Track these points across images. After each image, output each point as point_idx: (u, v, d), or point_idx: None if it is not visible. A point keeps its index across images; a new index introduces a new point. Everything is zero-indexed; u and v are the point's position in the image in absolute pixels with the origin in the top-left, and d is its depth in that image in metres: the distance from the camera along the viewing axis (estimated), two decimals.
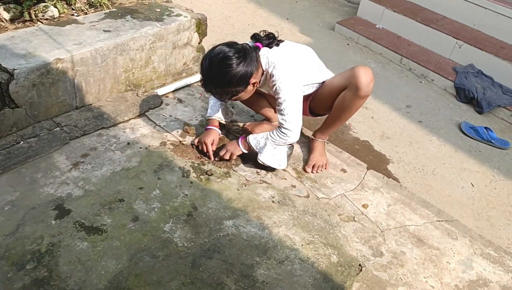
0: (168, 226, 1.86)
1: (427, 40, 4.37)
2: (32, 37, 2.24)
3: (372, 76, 2.08)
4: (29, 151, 2.07)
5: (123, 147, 2.21)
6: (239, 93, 2.03)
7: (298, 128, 2.09)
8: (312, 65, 2.21)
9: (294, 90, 2.06)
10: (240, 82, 1.97)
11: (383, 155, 3.11)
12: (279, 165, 2.15)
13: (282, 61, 2.05)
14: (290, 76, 2.05)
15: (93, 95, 2.39)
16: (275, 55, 2.06)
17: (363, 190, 2.22)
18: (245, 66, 1.95)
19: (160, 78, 2.70)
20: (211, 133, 2.26)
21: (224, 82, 1.96)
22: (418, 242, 1.98)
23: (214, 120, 2.30)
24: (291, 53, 2.13)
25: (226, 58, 1.92)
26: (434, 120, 3.57)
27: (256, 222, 1.94)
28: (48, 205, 1.87)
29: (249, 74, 1.97)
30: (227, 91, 2.01)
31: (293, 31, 4.66)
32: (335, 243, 1.92)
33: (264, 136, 2.12)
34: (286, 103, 2.03)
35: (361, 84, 2.05)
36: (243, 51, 1.97)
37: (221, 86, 1.98)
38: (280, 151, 2.15)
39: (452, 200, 2.81)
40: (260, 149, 2.12)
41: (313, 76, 2.22)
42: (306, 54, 2.21)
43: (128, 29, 2.44)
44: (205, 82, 2.01)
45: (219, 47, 1.97)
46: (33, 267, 1.63)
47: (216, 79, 1.97)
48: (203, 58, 2.00)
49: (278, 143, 2.10)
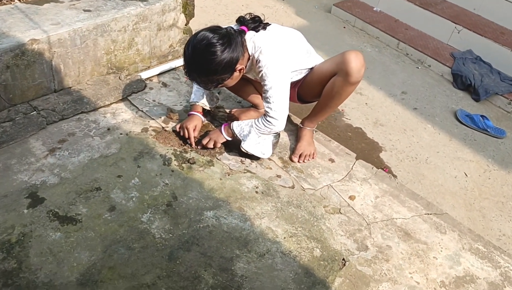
0: (146, 216, 1.79)
1: (426, 24, 4.26)
2: (7, 16, 2.14)
3: (363, 61, 2.00)
4: (3, 136, 1.99)
5: (102, 133, 2.13)
6: (225, 80, 1.95)
7: (284, 117, 2.00)
8: (300, 50, 2.12)
9: (281, 77, 1.97)
10: (226, 70, 1.89)
11: (376, 142, 3.04)
12: (263, 154, 2.08)
13: (269, 46, 1.96)
14: (277, 62, 1.96)
15: (72, 78, 2.29)
16: (262, 39, 1.97)
17: (351, 181, 2.15)
18: (230, 52, 1.85)
19: (144, 61, 2.60)
20: (193, 119, 2.17)
21: (208, 70, 1.87)
22: (405, 236, 1.92)
23: (197, 106, 2.22)
24: (279, 37, 2.03)
25: (210, 45, 1.83)
26: (429, 107, 3.49)
27: (238, 213, 1.87)
28: (21, 193, 1.79)
29: (234, 61, 1.89)
30: (212, 79, 1.92)
31: (289, 12, 4.54)
32: (319, 236, 1.85)
33: (249, 124, 2.04)
34: (272, 91, 1.95)
35: (352, 70, 1.97)
36: (228, 36, 1.87)
37: (206, 74, 1.89)
38: (265, 139, 2.07)
39: (445, 190, 2.76)
40: (244, 137, 2.04)
41: (301, 62, 2.13)
42: (295, 38, 2.11)
43: (110, 9, 2.34)
44: (189, 71, 1.92)
45: (202, 33, 1.87)
46: (2, 258, 1.57)
47: (200, 67, 1.87)
48: (186, 45, 1.90)
49: (263, 131, 2.02)
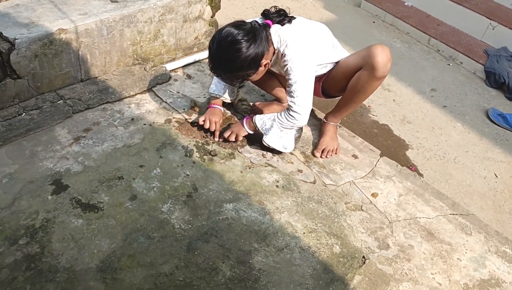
0: (166, 206, 1.80)
1: (459, 20, 4.13)
2: (36, 5, 2.18)
3: (390, 55, 1.95)
4: (30, 124, 2.04)
5: (126, 123, 2.15)
6: (250, 76, 1.94)
7: (307, 112, 1.98)
8: (326, 43, 2.08)
9: (306, 72, 1.94)
10: (251, 65, 1.87)
11: (403, 140, 2.97)
12: (285, 148, 2.05)
13: (295, 40, 1.93)
14: (303, 56, 1.93)
15: (98, 68, 2.32)
16: (288, 33, 1.94)
17: (374, 178, 2.11)
18: (255, 48, 1.83)
19: (169, 53, 2.61)
20: (216, 112, 2.17)
21: (234, 67, 1.86)
22: (428, 235, 1.87)
23: (218, 99, 2.22)
24: (304, 31, 2.00)
25: (235, 42, 1.81)
26: (460, 105, 3.39)
27: (258, 206, 1.86)
28: (46, 180, 1.83)
29: (259, 56, 1.87)
30: (237, 76, 1.91)
31: (317, 6, 4.49)
32: (339, 232, 1.82)
33: (271, 117, 2.02)
34: (296, 85, 1.92)
35: (378, 64, 1.92)
36: (252, 32, 1.85)
37: (231, 71, 1.89)
38: (287, 134, 2.05)
39: (473, 191, 2.67)
40: (266, 130, 2.03)
41: (327, 56, 2.09)
42: (320, 32, 2.08)
43: (137, 0, 2.35)
44: (214, 67, 1.91)
45: (227, 29, 1.85)
46: (26, 242, 1.60)
47: (226, 64, 1.87)
48: (211, 41, 1.89)
49: (285, 126, 2.00)
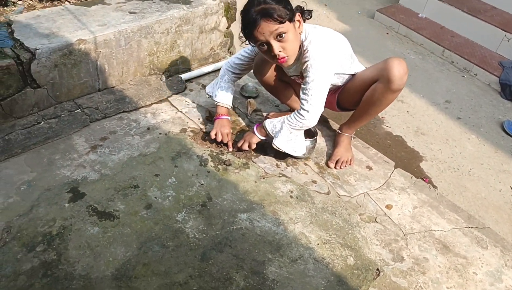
0: (181, 215, 1.82)
1: (473, 31, 4.13)
2: (57, 16, 2.23)
3: (406, 69, 1.95)
4: (49, 132, 2.07)
5: (142, 132, 2.18)
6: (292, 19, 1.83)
7: (318, 113, 1.96)
8: (346, 53, 2.09)
9: (325, 73, 1.93)
10: (288, 3, 1.81)
11: (416, 151, 2.97)
12: (295, 151, 2.05)
13: (320, 40, 1.94)
14: (324, 57, 1.93)
15: (116, 77, 2.36)
16: (314, 32, 1.96)
17: (388, 190, 2.10)
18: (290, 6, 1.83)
19: (185, 63, 2.64)
20: (225, 123, 2.19)
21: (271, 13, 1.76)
22: (444, 249, 1.85)
23: (223, 108, 2.23)
24: (328, 35, 2.02)
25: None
26: (474, 117, 3.37)
27: (272, 217, 1.87)
28: (63, 188, 1.86)
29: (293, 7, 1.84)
30: (281, 8, 1.78)
31: (331, 17, 4.51)
32: (353, 244, 1.82)
33: (281, 120, 2.02)
34: (313, 84, 1.91)
35: (394, 76, 1.92)
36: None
37: (272, 2, 1.77)
38: (297, 136, 2.04)
39: (488, 204, 2.65)
40: (276, 133, 2.03)
41: (345, 66, 2.09)
42: (341, 42, 2.08)
43: (154, 12, 2.39)
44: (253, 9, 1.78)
45: None
46: (43, 249, 1.62)
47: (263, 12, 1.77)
48: None
49: (295, 126, 1.98)
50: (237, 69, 2.26)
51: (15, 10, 2.26)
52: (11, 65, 1.95)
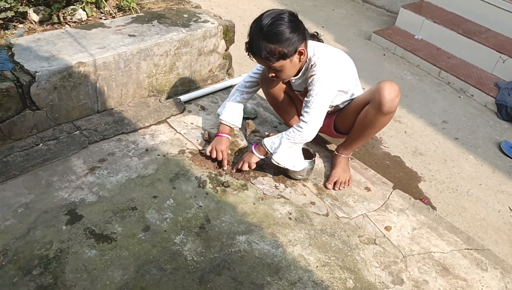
0: (179, 238, 1.81)
1: (469, 53, 4.17)
2: (57, 39, 2.25)
3: (397, 91, 1.96)
4: (47, 154, 2.07)
5: (141, 154, 2.18)
6: (286, 58, 1.88)
7: (317, 126, 1.98)
8: (351, 74, 2.11)
9: (329, 89, 1.96)
10: (290, 43, 1.84)
11: (415, 172, 2.97)
12: (293, 166, 2.05)
13: (328, 56, 1.98)
14: (331, 73, 1.96)
15: (115, 99, 2.37)
16: (323, 48, 2.00)
17: (387, 211, 2.09)
18: (296, 30, 1.85)
19: (184, 85, 2.66)
20: (223, 141, 2.20)
21: (274, 35, 1.82)
22: (443, 271, 1.84)
23: (225, 127, 2.24)
24: (337, 53, 2.06)
25: (280, 14, 1.85)
26: (471, 138, 3.39)
27: (270, 239, 1.86)
28: (60, 210, 1.85)
29: (299, 39, 1.87)
30: (275, 50, 1.84)
31: (328, 39, 4.56)
32: (352, 266, 1.80)
33: (279, 136, 2.03)
34: (316, 98, 1.93)
35: (385, 99, 1.93)
36: (297, 16, 1.90)
37: (271, 40, 1.83)
38: (296, 151, 2.04)
39: (487, 224, 2.64)
40: (275, 149, 2.03)
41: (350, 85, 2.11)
42: (349, 62, 2.10)
43: (153, 34, 2.42)
44: (254, 38, 1.87)
45: (273, 9, 1.90)
46: (39, 273, 1.61)
47: (267, 31, 1.82)
48: (253, 21, 1.89)
49: (293, 139, 1.98)
50: (246, 87, 2.28)
51: (16, 33, 2.29)
52: (11, 88, 1.96)
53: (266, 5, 5.13)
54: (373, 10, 5.45)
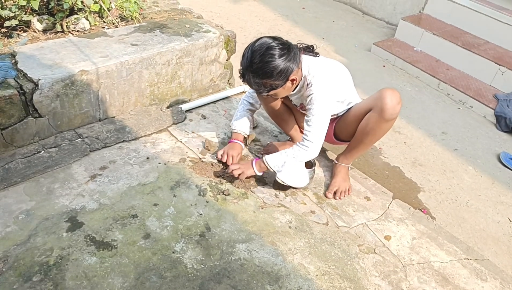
0: (179, 245, 1.81)
1: (468, 65, 4.21)
2: (60, 48, 2.27)
3: (399, 99, 1.98)
4: (49, 161, 2.08)
5: (142, 162, 2.19)
6: (278, 88, 1.93)
7: (320, 143, 2.01)
8: (347, 84, 2.14)
9: (327, 107, 1.98)
10: (281, 76, 1.88)
11: (414, 183, 2.98)
12: (298, 184, 2.07)
13: (323, 74, 1.99)
14: (327, 91, 1.98)
15: (116, 108, 2.39)
16: (317, 65, 2.01)
17: (387, 221, 2.10)
18: (288, 60, 1.87)
19: (185, 94, 2.68)
20: (236, 147, 2.23)
21: (264, 73, 1.87)
22: (443, 280, 1.84)
23: (239, 134, 2.27)
24: (331, 68, 2.07)
25: (270, 48, 1.85)
26: (471, 149, 3.40)
27: (270, 247, 1.86)
28: (61, 217, 1.85)
29: (290, 69, 1.89)
30: (266, 84, 1.91)
31: (328, 50, 4.60)
32: (352, 275, 1.81)
33: (282, 154, 2.04)
34: (316, 117, 1.96)
35: (387, 106, 1.96)
36: (288, 45, 1.90)
37: (261, 76, 1.89)
38: (299, 168, 2.06)
39: (486, 235, 2.64)
40: (278, 168, 2.04)
41: (346, 95, 2.13)
42: (344, 73, 2.12)
43: (156, 44, 2.44)
44: (245, 72, 1.92)
45: (264, 38, 1.90)
46: (40, 279, 1.61)
47: (257, 69, 1.87)
48: (246, 49, 1.93)
49: (298, 157, 2.01)
50: (251, 98, 2.32)
51: (19, 42, 2.31)
52: (14, 95, 1.98)
53: (267, 16, 5.18)
54: (373, 22, 5.49)
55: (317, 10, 5.65)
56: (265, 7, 5.47)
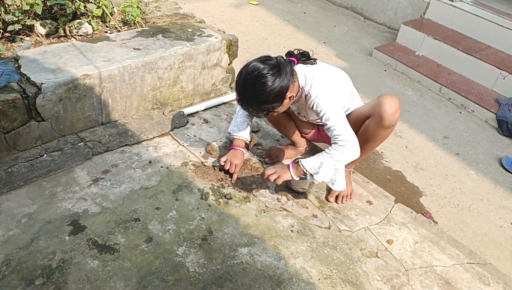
0: (181, 249, 1.81)
1: (469, 69, 4.21)
2: (63, 52, 2.28)
3: (398, 105, 1.97)
4: (51, 165, 2.09)
5: (144, 166, 2.19)
6: (276, 108, 1.94)
7: (354, 138, 1.93)
8: (346, 90, 2.12)
9: (334, 105, 1.95)
10: (276, 98, 1.89)
11: (416, 187, 2.97)
12: (338, 187, 2.00)
13: (320, 80, 1.97)
14: (328, 92, 1.96)
15: (119, 111, 2.40)
16: (313, 73, 1.98)
17: (389, 225, 2.10)
18: (280, 81, 1.86)
19: (187, 98, 2.69)
20: (239, 155, 2.21)
21: (260, 100, 1.88)
22: (446, 285, 1.84)
23: (240, 141, 2.25)
24: (328, 73, 2.05)
25: (260, 76, 1.84)
26: (472, 153, 3.40)
27: (273, 251, 1.86)
28: (64, 220, 1.86)
29: (284, 89, 1.89)
30: (263, 108, 1.93)
31: (330, 55, 4.60)
32: (354, 279, 1.80)
33: (319, 156, 1.96)
34: (331, 120, 1.92)
35: (385, 113, 1.95)
36: (278, 66, 1.88)
37: (257, 104, 1.91)
38: (338, 170, 1.98)
39: (489, 240, 2.64)
40: (315, 170, 1.95)
41: (346, 101, 2.12)
42: (342, 78, 2.11)
43: (158, 48, 2.45)
44: (241, 100, 1.95)
45: (253, 64, 1.89)
46: (42, 283, 1.61)
47: (252, 98, 1.89)
48: (238, 76, 1.92)
49: (339, 158, 1.92)
50: None
51: (23, 46, 2.32)
52: (17, 99, 1.98)
53: (269, 21, 5.20)
54: (374, 27, 5.50)
55: (318, 15, 5.66)
56: (266, 12, 5.49)
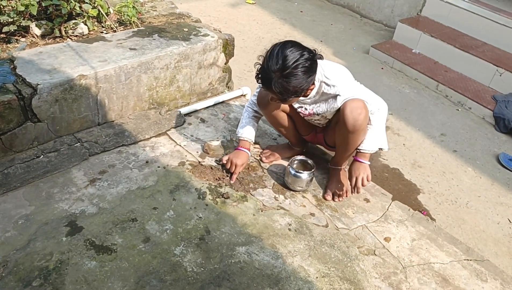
0: (179, 249, 1.81)
1: (466, 66, 4.22)
2: (59, 53, 2.28)
3: (360, 108, 1.92)
4: (48, 166, 2.08)
5: (141, 166, 2.19)
6: (299, 96, 1.89)
7: (378, 98, 2.09)
8: None
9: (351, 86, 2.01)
10: (308, 83, 1.84)
11: (414, 184, 2.98)
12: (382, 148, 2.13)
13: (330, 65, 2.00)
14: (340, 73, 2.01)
15: (115, 112, 2.39)
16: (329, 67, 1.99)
17: (386, 222, 2.10)
18: (313, 72, 1.85)
19: (184, 97, 2.68)
20: (243, 156, 2.21)
21: (296, 78, 1.78)
22: (443, 282, 1.84)
23: (245, 142, 2.24)
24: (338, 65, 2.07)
25: (303, 55, 1.78)
26: (470, 150, 3.40)
27: (270, 250, 1.86)
28: (61, 221, 1.85)
29: (314, 76, 1.87)
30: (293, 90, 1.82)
31: (327, 53, 4.60)
32: (352, 277, 1.80)
33: (368, 132, 2.05)
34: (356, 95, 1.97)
35: (347, 119, 1.92)
36: (312, 60, 1.83)
37: (288, 83, 1.79)
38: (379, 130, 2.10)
39: (487, 236, 2.64)
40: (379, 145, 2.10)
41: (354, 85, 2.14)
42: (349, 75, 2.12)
43: (154, 48, 2.45)
44: (269, 73, 1.80)
45: (294, 42, 1.82)
46: (39, 284, 1.61)
47: (289, 74, 1.77)
48: (273, 50, 1.81)
49: (379, 120, 2.06)
50: (255, 105, 2.27)
51: (18, 47, 2.31)
52: (13, 100, 1.98)
53: (266, 20, 5.20)
54: (371, 25, 5.51)
55: (315, 14, 5.67)
56: (263, 11, 5.49)
